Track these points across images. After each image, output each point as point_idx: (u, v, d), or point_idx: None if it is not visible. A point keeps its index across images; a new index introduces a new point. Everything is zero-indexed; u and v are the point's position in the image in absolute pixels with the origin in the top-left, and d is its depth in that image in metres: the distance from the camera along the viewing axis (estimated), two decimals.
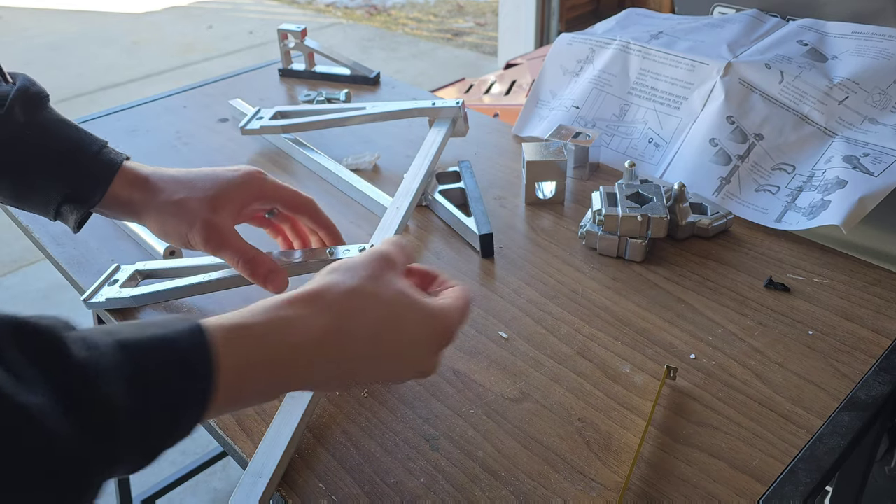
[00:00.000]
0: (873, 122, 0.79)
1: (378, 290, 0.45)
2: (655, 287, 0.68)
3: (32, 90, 0.59)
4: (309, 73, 1.16)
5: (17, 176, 0.58)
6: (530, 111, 1.00)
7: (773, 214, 0.76)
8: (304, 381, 0.43)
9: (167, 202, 0.59)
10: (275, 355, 0.41)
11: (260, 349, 0.40)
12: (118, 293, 0.68)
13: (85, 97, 3.42)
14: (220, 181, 0.60)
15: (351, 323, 0.43)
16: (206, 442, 1.57)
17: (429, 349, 0.47)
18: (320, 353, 0.42)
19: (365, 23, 4.58)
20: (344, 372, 0.44)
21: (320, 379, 0.44)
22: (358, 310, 0.44)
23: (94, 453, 0.33)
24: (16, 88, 0.58)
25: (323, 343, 0.42)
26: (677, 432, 0.54)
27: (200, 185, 0.60)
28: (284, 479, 0.51)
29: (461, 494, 0.50)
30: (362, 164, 0.91)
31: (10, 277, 2.19)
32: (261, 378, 0.40)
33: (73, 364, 0.33)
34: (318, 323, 0.42)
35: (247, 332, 0.40)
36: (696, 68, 0.88)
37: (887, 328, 0.62)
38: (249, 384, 0.40)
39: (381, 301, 0.45)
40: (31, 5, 4.92)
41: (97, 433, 0.33)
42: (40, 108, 0.59)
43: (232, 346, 0.39)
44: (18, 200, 0.60)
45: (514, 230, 0.78)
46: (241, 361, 0.39)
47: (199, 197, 0.59)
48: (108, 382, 0.34)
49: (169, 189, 0.60)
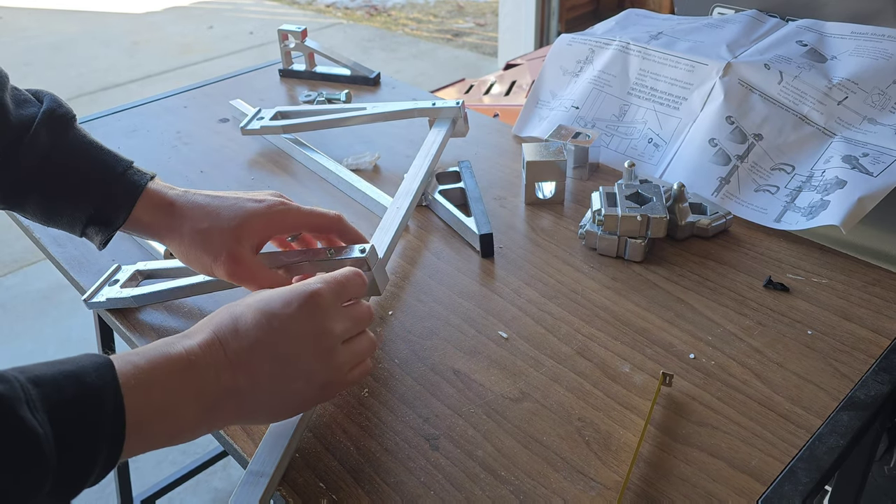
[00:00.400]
0: (872, 122, 0.79)
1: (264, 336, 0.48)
2: (655, 287, 0.69)
3: (59, 112, 0.60)
4: (309, 74, 1.16)
5: (44, 199, 0.59)
6: (530, 111, 1.00)
7: (773, 214, 0.76)
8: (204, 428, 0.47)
9: (192, 231, 0.59)
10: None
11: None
12: (119, 293, 0.68)
13: (85, 97, 3.43)
14: (245, 212, 0.59)
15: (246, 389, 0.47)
16: (207, 441, 1.57)
17: (307, 335, 0.49)
18: (220, 414, 0.47)
19: (365, 23, 4.58)
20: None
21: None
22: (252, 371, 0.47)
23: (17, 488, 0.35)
24: (42, 111, 0.59)
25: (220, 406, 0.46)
26: (677, 432, 0.54)
27: (225, 214, 0.59)
28: (285, 478, 0.52)
29: (461, 494, 0.50)
30: (362, 164, 0.92)
31: (11, 277, 2.19)
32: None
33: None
34: (214, 390, 0.45)
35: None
36: (696, 69, 0.88)
37: (886, 328, 0.62)
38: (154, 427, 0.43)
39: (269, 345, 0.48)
40: (32, 5, 4.93)
41: (21, 463, 0.35)
42: (67, 130, 0.60)
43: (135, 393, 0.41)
44: (46, 221, 0.61)
45: (514, 230, 0.78)
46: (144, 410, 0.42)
47: (223, 227, 0.59)
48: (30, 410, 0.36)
49: (194, 217, 0.60)
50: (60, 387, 0.38)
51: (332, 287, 0.51)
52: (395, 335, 0.64)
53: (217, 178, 0.91)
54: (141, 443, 0.42)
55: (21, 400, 0.36)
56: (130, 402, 0.40)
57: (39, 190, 0.59)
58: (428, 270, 0.73)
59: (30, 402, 0.36)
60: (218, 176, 0.91)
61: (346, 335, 0.51)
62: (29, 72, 3.68)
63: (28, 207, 0.60)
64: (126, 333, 0.66)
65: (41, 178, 0.58)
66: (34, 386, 0.37)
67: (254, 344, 0.47)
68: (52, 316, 2.02)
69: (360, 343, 0.53)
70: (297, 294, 0.49)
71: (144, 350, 0.44)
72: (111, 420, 0.39)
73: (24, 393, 0.36)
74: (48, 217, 0.60)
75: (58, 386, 0.38)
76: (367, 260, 0.61)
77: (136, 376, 0.42)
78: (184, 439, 0.45)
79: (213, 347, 0.46)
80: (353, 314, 0.52)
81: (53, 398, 0.37)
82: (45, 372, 0.38)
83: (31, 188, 0.59)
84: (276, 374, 0.47)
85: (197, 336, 0.47)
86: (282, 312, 0.48)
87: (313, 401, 0.51)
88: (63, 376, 0.39)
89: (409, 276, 0.72)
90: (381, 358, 0.62)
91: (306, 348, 0.49)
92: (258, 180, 0.90)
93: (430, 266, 0.73)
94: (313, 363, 0.49)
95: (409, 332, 0.64)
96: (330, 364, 0.50)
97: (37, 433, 0.36)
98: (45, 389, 0.37)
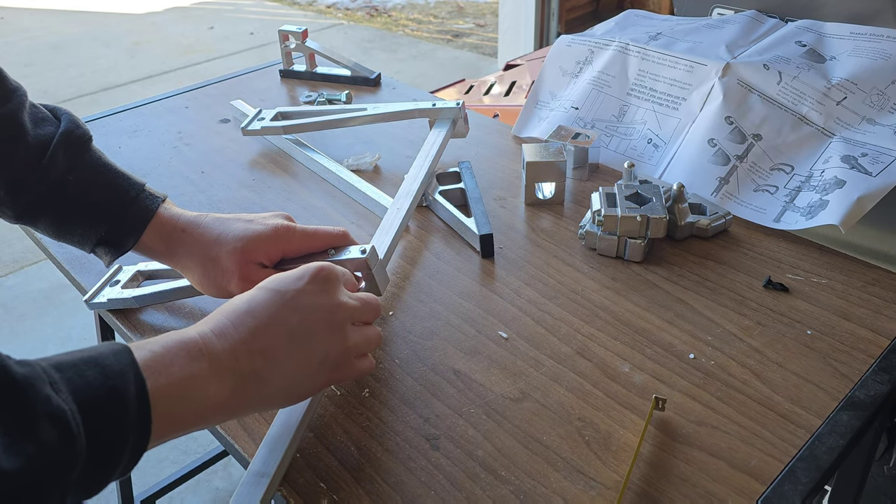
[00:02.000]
0: (871, 122, 0.80)
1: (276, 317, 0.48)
2: (654, 287, 0.69)
3: (76, 133, 0.61)
4: (310, 74, 1.16)
5: (57, 219, 0.60)
6: (530, 112, 1.00)
7: (772, 214, 0.76)
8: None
9: (202, 259, 0.61)
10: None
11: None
12: (120, 293, 0.68)
13: (87, 97, 3.43)
14: (251, 234, 0.60)
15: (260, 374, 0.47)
16: (208, 441, 1.57)
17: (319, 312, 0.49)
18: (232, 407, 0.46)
19: (365, 24, 4.58)
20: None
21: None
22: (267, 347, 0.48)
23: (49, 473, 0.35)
24: (60, 132, 0.59)
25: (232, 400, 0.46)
26: (676, 431, 0.54)
27: (231, 238, 0.60)
28: (286, 478, 0.52)
29: (461, 493, 0.50)
30: (363, 164, 0.92)
31: (12, 277, 2.19)
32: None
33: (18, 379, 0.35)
34: (223, 387, 0.45)
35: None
36: (695, 69, 0.89)
37: (886, 328, 0.62)
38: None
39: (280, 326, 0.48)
40: (33, 6, 4.93)
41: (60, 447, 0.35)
42: (84, 153, 0.61)
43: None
44: (58, 237, 0.62)
45: (514, 230, 0.78)
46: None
47: (230, 250, 0.59)
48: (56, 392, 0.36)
49: (203, 243, 0.61)
50: (81, 371, 0.38)
51: (340, 271, 0.53)
52: (396, 335, 0.64)
53: (218, 178, 0.91)
54: (168, 425, 0.41)
55: (45, 381, 0.36)
56: (152, 384, 0.40)
57: (53, 210, 0.60)
58: (428, 271, 0.73)
59: (53, 383, 0.36)
60: (219, 176, 0.91)
61: (356, 316, 0.52)
62: (30, 72, 3.68)
63: (40, 226, 0.61)
64: (127, 334, 0.67)
65: (56, 200, 0.60)
66: (56, 370, 0.37)
67: (268, 321, 0.47)
68: (52, 316, 2.02)
69: (369, 330, 0.54)
70: (306, 269, 0.51)
71: (157, 338, 0.44)
72: (136, 403, 0.39)
73: (47, 375, 0.37)
74: (59, 235, 0.62)
75: (79, 370, 0.38)
76: (368, 260, 0.61)
77: (153, 360, 0.42)
78: (210, 421, 0.45)
79: (227, 330, 0.46)
80: (362, 297, 0.54)
81: (76, 381, 0.38)
82: (65, 359, 0.39)
83: (45, 208, 0.60)
84: (292, 350, 0.48)
85: (210, 322, 0.47)
86: (293, 287, 0.49)
87: (325, 382, 0.51)
88: (83, 361, 0.39)
89: (410, 276, 0.72)
90: (382, 358, 0.62)
91: (319, 322, 0.49)
92: (259, 181, 0.90)
93: (431, 266, 0.73)
94: (326, 339, 0.50)
95: (409, 333, 0.65)
96: (342, 341, 0.51)
97: (64, 411, 0.36)
98: (68, 374, 0.38)
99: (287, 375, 0.48)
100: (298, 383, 0.49)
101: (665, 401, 0.54)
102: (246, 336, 0.46)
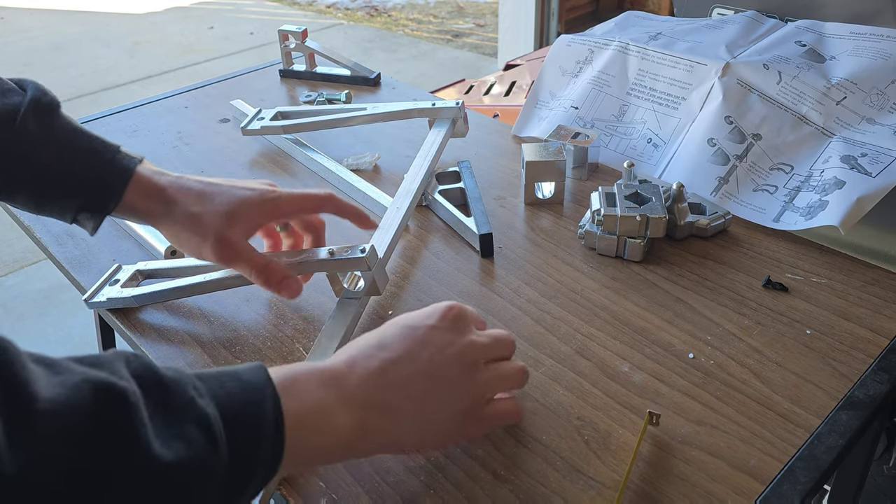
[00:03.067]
0: (871, 122, 0.80)
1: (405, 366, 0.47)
2: (654, 287, 0.69)
3: (44, 100, 0.59)
4: (309, 74, 1.16)
5: (34, 188, 0.59)
6: (529, 112, 1.00)
7: (771, 214, 0.76)
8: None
9: (182, 214, 0.60)
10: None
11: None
12: (119, 293, 0.68)
13: (86, 97, 3.43)
14: (237, 198, 0.60)
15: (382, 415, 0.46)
16: None
17: (456, 366, 0.48)
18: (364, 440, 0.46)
19: (365, 24, 4.58)
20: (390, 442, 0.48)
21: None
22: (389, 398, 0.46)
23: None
24: (28, 99, 0.58)
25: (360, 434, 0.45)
26: (676, 431, 0.54)
27: (217, 199, 0.60)
28: (285, 477, 0.52)
29: (461, 493, 0.50)
30: (363, 164, 0.92)
31: (12, 277, 2.19)
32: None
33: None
34: (346, 422, 0.44)
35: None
36: (695, 69, 0.89)
37: (885, 328, 0.63)
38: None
39: (410, 374, 0.47)
40: (33, 6, 4.93)
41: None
42: (53, 118, 0.60)
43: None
44: (37, 209, 0.61)
45: (514, 230, 0.78)
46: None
47: (214, 211, 0.59)
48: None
49: (185, 201, 0.60)
50: (222, 381, 0.39)
51: (470, 310, 0.52)
52: None
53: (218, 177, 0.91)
54: (294, 452, 0.41)
55: (190, 385, 0.37)
56: (286, 403, 0.41)
57: (29, 180, 0.58)
58: (428, 270, 0.73)
59: (196, 388, 0.37)
60: (218, 176, 0.90)
61: (489, 353, 0.51)
62: (30, 72, 3.67)
63: (18, 197, 0.59)
64: (127, 333, 0.67)
65: (30, 168, 0.58)
66: (198, 379, 0.38)
67: (399, 355, 0.47)
68: (52, 316, 2.02)
69: (505, 366, 0.52)
70: (437, 307, 0.50)
71: (289, 365, 0.45)
72: (273, 419, 0.39)
73: (191, 380, 0.38)
74: (39, 206, 0.60)
75: (219, 381, 0.39)
76: (367, 260, 0.61)
77: (287, 381, 0.42)
78: (337, 456, 0.46)
79: (358, 362, 0.46)
80: (493, 334, 0.52)
81: (217, 391, 0.38)
82: (203, 372, 0.40)
83: (20, 178, 0.58)
84: (423, 386, 0.47)
85: (340, 356, 0.47)
86: (424, 324, 0.49)
87: (460, 429, 0.50)
88: (222, 374, 0.40)
89: (410, 276, 0.72)
90: None
91: (450, 358, 0.48)
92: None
93: (430, 266, 0.73)
94: (458, 377, 0.48)
95: None
96: (474, 381, 0.49)
97: (208, 415, 0.36)
98: (209, 383, 0.39)
99: (417, 412, 0.47)
100: (430, 424, 0.48)
101: (659, 416, 0.53)
102: (376, 369, 0.46)
